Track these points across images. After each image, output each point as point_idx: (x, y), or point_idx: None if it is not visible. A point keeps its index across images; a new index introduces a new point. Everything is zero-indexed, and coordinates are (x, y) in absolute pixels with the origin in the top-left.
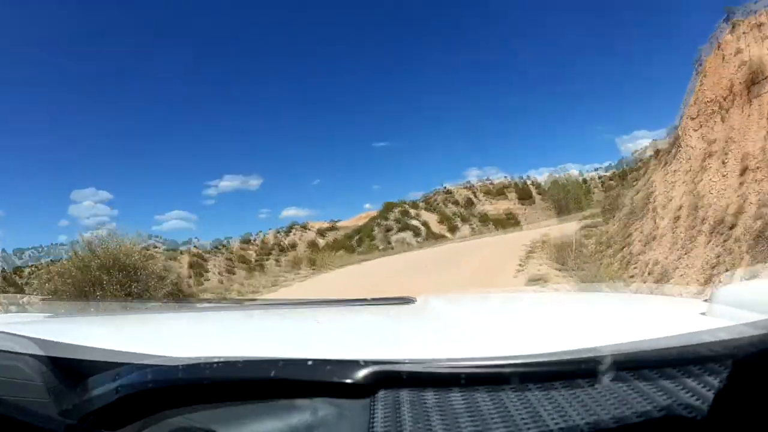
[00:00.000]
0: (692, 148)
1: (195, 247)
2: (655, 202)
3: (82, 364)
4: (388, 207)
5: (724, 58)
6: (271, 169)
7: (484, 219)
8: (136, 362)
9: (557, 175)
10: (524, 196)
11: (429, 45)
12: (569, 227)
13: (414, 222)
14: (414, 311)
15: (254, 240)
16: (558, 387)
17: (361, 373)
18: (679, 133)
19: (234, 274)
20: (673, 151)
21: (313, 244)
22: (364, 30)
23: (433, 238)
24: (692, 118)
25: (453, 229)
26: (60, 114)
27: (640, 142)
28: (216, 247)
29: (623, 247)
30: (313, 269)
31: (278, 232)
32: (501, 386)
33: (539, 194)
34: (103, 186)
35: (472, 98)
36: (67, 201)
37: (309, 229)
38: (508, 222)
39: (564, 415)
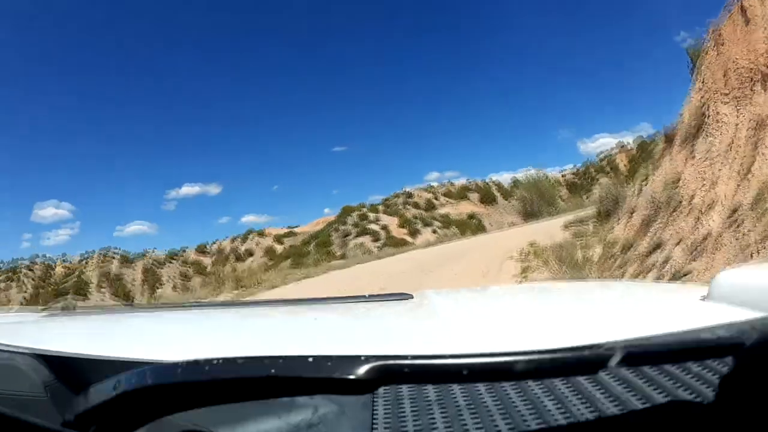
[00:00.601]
0: (725, 125)
1: (150, 257)
2: (692, 198)
3: (80, 362)
4: (346, 211)
5: (748, 22)
6: (230, 175)
7: (446, 221)
8: (133, 360)
9: (528, 173)
10: (487, 197)
11: (387, 48)
12: (548, 229)
13: (373, 226)
14: (412, 307)
15: (210, 248)
16: (560, 380)
17: (363, 369)
18: (705, 112)
19: (190, 281)
20: (701, 134)
21: (269, 251)
22: (320, 34)
23: (393, 244)
24: (724, 93)
25: (414, 233)
26: (19, 127)
27: (604, 143)
28: (172, 256)
29: (649, 253)
30: (239, 290)
31: (234, 240)
32: (502, 381)
33: (502, 195)
34: (65, 198)
35: (431, 102)
36: (29, 214)
37: (266, 236)
38: (471, 224)
39: (565, 409)
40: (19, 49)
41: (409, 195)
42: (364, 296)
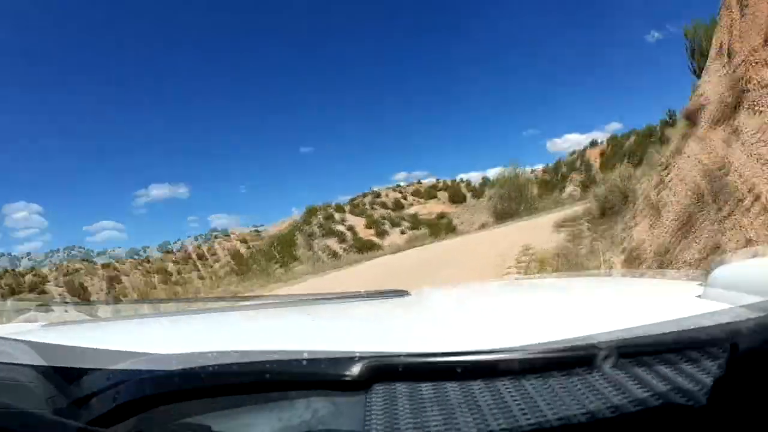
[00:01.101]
0: None
1: (113, 259)
2: (753, 187)
3: (76, 353)
4: (311, 211)
5: None
6: (198, 176)
7: (415, 222)
8: (129, 352)
9: (504, 169)
10: (456, 196)
11: (353, 50)
12: (535, 230)
13: (339, 227)
14: (408, 304)
15: (175, 250)
16: (555, 377)
17: (357, 367)
18: (743, 83)
19: (154, 286)
20: (742, 109)
21: (235, 253)
22: (287, 35)
23: (360, 246)
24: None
25: (381, 234)
26: None
27: (574, 141)
28: (135, 258)
29: (701, 261)
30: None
31: (198, 240)
32: (497, 377)
33: (473, 194)
34: (34, 199)
35: (398, 103)
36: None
37: (231, 237)
38: (441, 224)
39: (561, 405)
40: None
41: (377, 195)
42: (360, 293)
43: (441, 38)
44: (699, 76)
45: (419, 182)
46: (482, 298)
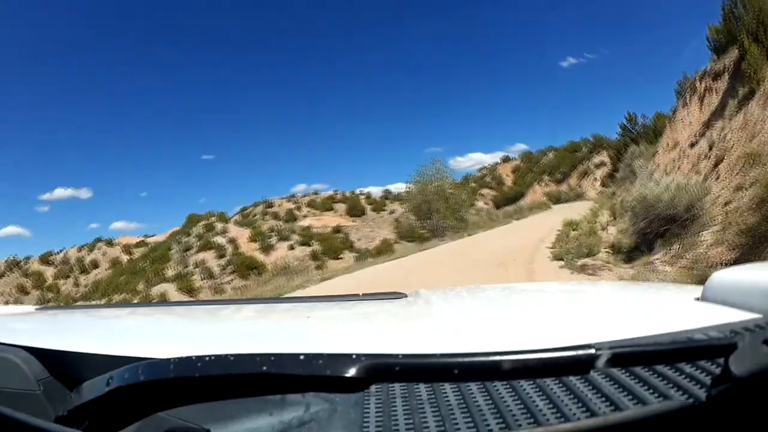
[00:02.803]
0: None
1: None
2: None
3: (73, 357)
4: (192, 220)
5: None
6: (100, 180)
7: (307, 235)
8: (126, 356)
9: (425, 172)
10: (355, 209)
11: (254, 61)
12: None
13: (219, 239)
14: (405, 306)
15: (56, 257)
16: (551, 381)
17: (354, 367)
18: None
19: (28, 294)
20: None
21: (116, 263)
22: (188, 46)
23: (240, 263)
24: None
25: (267, 249)
26: None
27: (478, 159)
28: (11, 265)
29: None
30: None
31: (81, 249)
32: (493, 380)
33: (373, 208)
34: None
35: (303, 115)
36: None
37: (115, 245)
38: (336, 238)
39: (556, 409)
40: None
41: (269, 204)
42: (357, 295)
43: (349, 52)
44: None
45: (316, 193)
46: (479, 300)
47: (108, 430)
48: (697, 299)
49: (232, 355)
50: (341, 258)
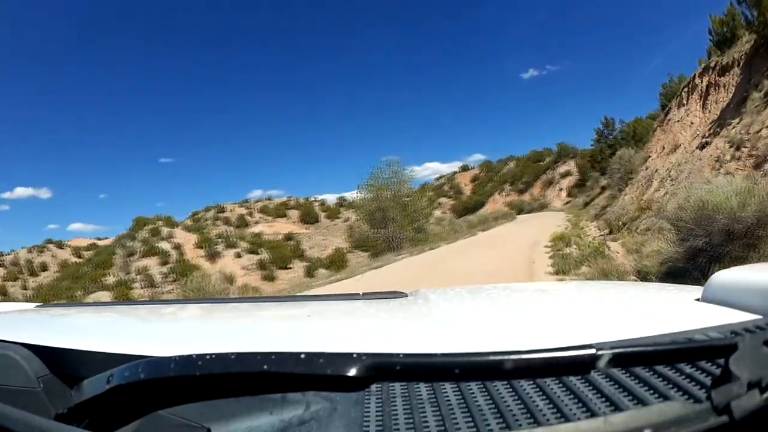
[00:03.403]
0: None
1: None
2: None
3: (74, 355)
4: (140, 224)
5: None
6: (60, 181)
7: (257, 243)
8: (127, 354)
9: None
10: (308, 216)
11: (216, 65)
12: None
13: (164, 245)
14: (406, 305)
15: (5, 258)
16: (551, 381)
17: (355, 366)
18: None
19: None
20: None
21: (65, 265)
22: (150, 46)
23: (183, 270)
24: None
25: (213, 256)
26: None
27: (435, 169)
28: None
29: None
30: None
31: (31, 250)
32: (494, 380)
33: (327, 215)
34: None
35: (262, 122)
36: None
37: (65, 247)
38: (287, 246)
39: (556, 409)
40: None
41: (221, 209)
42: (357, 294)
43: (307, 60)
44: None
45: (269, 199)
46: (480, 300)
47: (108, 427)
48: (698, 300)
49: (233, 353)
50: (290, 268)
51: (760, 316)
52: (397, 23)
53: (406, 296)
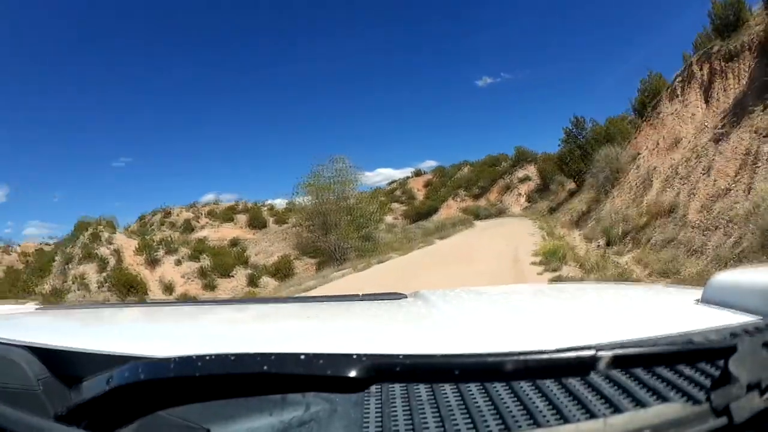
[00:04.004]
0: None
1: None
2: None
3: (73, 356)
4: (81, 227)
5: None
6: (17, 179)
7: (200, 249)
8: (126, 354)
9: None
10: (256, 221)
11: (168, 65)
12: None
13: (102, 250)
14: (406, 307)
15: None
16: (550, 382)
17: (355, 367)
18: None
19: None
20: None
21: (10, 271)
22: (103, 46)
23: (120, 280)
24: None
25: (153, 263)
26: None
27: (387, 174)
28: None
29: None
30: None
31: None
32: (494, 381)
33: (276, 220)
34: None
35: (216, 124)
36: None
37: (11, 252)
38: (231, 252)
39: (556, 411)
40: None
41: (167, 213)
42: (357, 296)
43: (263, 64)
44: None
45: (216, 203)
46: (480, 301)
47: (108, 428)
48: (697, 301)
49: (233, 354)
50: (233, 275)
51: (759, 318)
52: (351, 28)
53: (406, 297)
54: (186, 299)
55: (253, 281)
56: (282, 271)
